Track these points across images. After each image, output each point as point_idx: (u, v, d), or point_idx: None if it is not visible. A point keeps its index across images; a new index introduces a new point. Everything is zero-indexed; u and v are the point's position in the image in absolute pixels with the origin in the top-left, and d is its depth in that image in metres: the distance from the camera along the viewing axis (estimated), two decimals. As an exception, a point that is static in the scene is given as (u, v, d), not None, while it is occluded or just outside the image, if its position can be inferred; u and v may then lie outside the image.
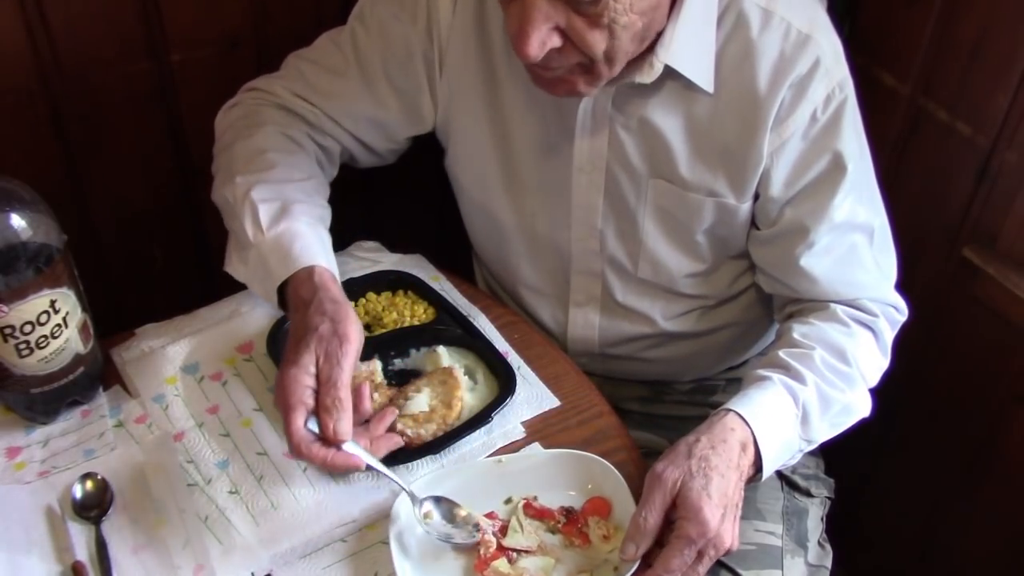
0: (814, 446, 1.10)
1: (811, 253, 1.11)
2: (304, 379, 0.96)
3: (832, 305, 1.14)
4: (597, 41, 0.95)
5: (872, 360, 1.14)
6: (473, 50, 1.16)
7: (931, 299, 1.42)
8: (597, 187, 1.16)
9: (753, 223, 1.16)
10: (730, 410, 1.02)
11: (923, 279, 1.43)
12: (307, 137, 1.22)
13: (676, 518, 0.95)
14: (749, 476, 1.02)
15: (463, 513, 0.97)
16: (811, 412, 1.06)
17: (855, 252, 1.13)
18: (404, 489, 0.96)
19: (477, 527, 0.96)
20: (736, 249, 1.19)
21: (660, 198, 1.14)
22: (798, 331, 1.12)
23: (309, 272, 1.05)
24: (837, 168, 1.08)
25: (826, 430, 1.09)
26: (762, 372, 1.08)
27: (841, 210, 1.10)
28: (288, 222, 1.10)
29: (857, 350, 1.11)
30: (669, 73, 1.05)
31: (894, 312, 1.18)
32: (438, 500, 0.97)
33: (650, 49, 1.03)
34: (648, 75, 1.04)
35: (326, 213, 1.18)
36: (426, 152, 1.31)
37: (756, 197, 1.13)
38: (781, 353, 1.10)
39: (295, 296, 1.05)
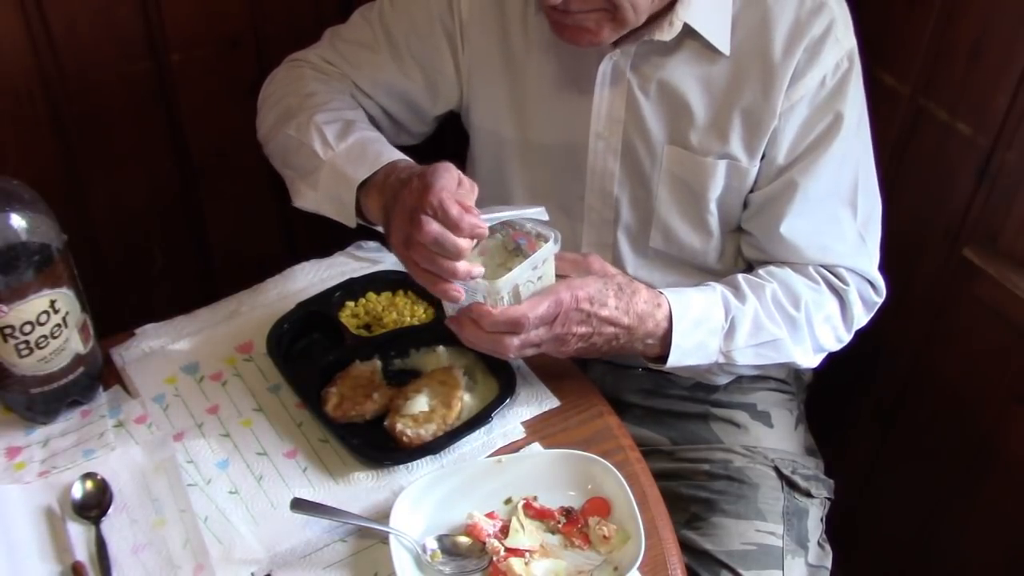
0: (735, 370, 1.14)
1: (792, 217, 1.14)
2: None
3: (809, 266, 1.17)
4: None
5: (829, 326, 1.16)
6: (491, 25, 1.19)
7: (931, 299, 1.42)
8: (614, 152, 1.18)
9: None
10: (661, 292, 1.07)
11: (923, 279, 1.43)
12: (348, 92, 1.26)
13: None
14: (654, 353, 1.08)
15: (466, 542, 0.96)
16: (738, 329, 1.10)
17: (836, 223, 1.16)
18: (413, 541, 0.94)
19: (483, 547, 0.95)
20: (739, 220, 1.21)
21: (674, 165, 1.16)
22: (766, 268, 1.16)
23: (392, 166, 1.07)
24: (834, 126, 1.11)
25: (750, 355, 1.12)
26: (711, 282, 1.13)
27: (828, 168, 1.12)
28: (356, 134, 1.13)
29: (815, 305, 1.14)
30: (688, 33, 1.08)
31: (870, 289, 1.19)
32: (440, 539, 0.96)
33: (669, 8, 1.07)
34: (668, 32, 1.08)
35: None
36: (427, 152, 1.31)
37: (762, 157, 1.15)
38: (739, 276, 1.15)
39: (386, 184, 1.04)
